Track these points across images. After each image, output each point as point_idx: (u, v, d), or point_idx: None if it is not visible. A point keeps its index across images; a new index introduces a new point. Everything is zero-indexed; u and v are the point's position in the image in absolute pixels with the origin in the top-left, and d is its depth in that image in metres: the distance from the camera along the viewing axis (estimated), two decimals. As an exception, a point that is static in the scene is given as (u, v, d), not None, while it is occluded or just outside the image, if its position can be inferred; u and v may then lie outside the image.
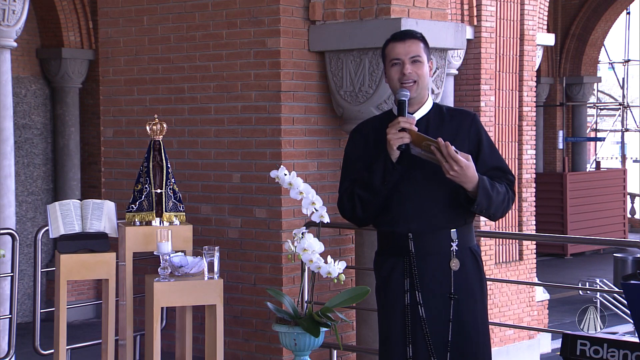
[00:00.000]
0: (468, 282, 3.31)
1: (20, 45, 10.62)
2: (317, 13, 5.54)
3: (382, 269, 3.40)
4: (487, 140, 3.41)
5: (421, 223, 3.30)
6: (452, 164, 3.15)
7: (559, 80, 20.60)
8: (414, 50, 3.32)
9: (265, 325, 5.34)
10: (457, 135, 3.34)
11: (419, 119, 3.33)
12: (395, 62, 3.33)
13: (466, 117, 3.42)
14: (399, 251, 3.32)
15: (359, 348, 5.62)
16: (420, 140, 3.21)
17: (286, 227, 5.38)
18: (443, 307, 3.27)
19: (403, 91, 3.29)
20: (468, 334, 3.29)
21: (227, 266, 5.36)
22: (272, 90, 5.47)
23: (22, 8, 8.43)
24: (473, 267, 3.35)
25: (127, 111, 6.10)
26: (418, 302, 3.26)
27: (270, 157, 5.44)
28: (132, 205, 4.56)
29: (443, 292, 3.28)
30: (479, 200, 3.22)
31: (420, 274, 3.27)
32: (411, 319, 3.27)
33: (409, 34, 3.39)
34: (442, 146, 3.16)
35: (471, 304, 3.32)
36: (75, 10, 12.78)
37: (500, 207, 3.30)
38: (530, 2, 12.52)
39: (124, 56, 6.10)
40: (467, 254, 3.34)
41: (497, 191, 3.28)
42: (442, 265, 3.29)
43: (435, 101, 3.61)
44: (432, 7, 5.58)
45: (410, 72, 3.30)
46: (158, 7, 5.92)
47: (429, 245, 3.29)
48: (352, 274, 5.58)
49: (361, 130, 3.50)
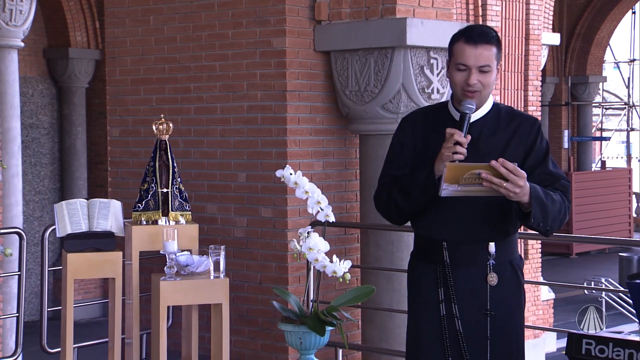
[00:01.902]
0: (506, 298, 3.10)
1: (27, 45, 10.64)
2: (322, 13, 5.54)
3: (414, 273, 3.22)
4: (543, 148, 3.10)
5: (457, 233, 3.07)
6: (517, 180, 2.83)
7: (564, 79, 20.57)
8: (485, 58, 3.00)
9: (271, 324, 5.35)
10: (512, 139, 3.08)
11: (474, 121, 3.05)
12: (461, 67, 3.02)
13: (526, 122, 3.12)
14: (433, 258, 3.12)
15: (364, 347, 5.62)
16: (460, 174, 2.85)
17: (292, 227, 5.38)
18: (480, 322, 3.07)
19: (468, 103, 3.01)
20: (505, 353, 3.12)
21: (232, 265, 5.37)
22: (277, 90, 5.47)
23: (29, 8, 8.44)
24: (512, 282, 3.13)
25: (134, 111, 6.11)
26: (455, 315, 3.07)
27: (276, 156, 5.45)
28: (139, 204, 4.57)
29: (479, 307, 3.07)
30: (534, 213, 2.92)
31: (457, 286, 3.07)
32: (448, 331, 3.08)
33: (484, 37, 3.01)
34: (498, 166, 2.82)
35: (508, 321, 3.12)
36: (82, 10, 12.79)
37: (557, 218, 3.00)
38: (536, 1, 12.49)
39: (130, 56, 6.11)
40: (506, 267, 3.11)
41: (552, 201, 2.98)
42: (478, 278, 3.07)
43: (498, 99, 3.40)
44: (437, 7, 5.57)
45: (476, 82, 3.01)
46: (164, 7, 5.92)
47: (464, 257, 3.07)
48: (357, 273, 5.59)
49: (412, 119, 3.24)
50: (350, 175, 5.78)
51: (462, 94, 3.04)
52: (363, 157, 5.70)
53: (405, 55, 5.41)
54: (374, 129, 5.58)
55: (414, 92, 5.46)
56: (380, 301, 5.39)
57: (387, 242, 5.54)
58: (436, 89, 5.56)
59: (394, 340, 5.50)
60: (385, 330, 5.55)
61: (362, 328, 5.67)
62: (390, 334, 5.54)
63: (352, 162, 5.79)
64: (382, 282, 5.45)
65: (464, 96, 3.04)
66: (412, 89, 5.46)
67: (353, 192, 5.78)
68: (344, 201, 5.74)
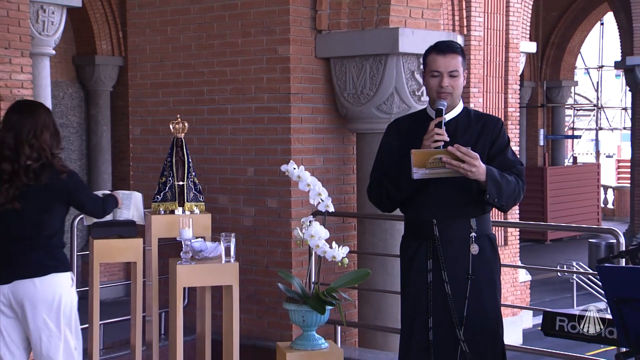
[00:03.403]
0: (485, 265, 3.30)
1: (58, 53, 10.63)
2: (323, 23, 5.51)
3: (407, 251, 3.38)
4: (504, 140, 3.34)
5: (444, 211, 3.27)
6: (472, 161, 3.08)
7: (540, 84, 20.56)
8: (453, 64, 3.27)
9: (277, 303, 5.33)
10: (481, 135, 3.31)
11: (449, 120, 3.29)
12: (435, 74, 3.28)
13: (490, 120, 3.39)
14: (424, 236, 3.30)
15: (360, 324, 5.61)
16: (425, 159, 3.09)
17: (295, 216, 5.36)
18: (462, 286, 3.26)
19: (441, 101, 3.26)
20: (483, 311, 3.28)
21: (242, 251, 5.35)
22: (282, 92, 5.44)
23: (60, 20, 8.42)
24: (490, 252, 3.33)
25: (153, 112, 6.09)
26: (444, 280, 3.26)
27: (281, 152, 5.42)
28: (157, 196, 4.55)
29: (462, 273, 3.27)
30: (489, 190, 3.14)
31: (446, 257, 3.26)
32: (433, 295, 3.27)
33: (451, 48, 3.31)
34: (454, 150, 3.08)
35: (486, 285, 3.30)
36: (107, 22, 12.78)
37: (512, 196, 3.22)
38: (515, 13, 12.49)
39: (150, 62, 6.08)
40: (484, 240, 3.31)
41: (507, 180, 3.20)
42: (462, 249, 3.27)
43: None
44: (426, 18, 5.55)
45: (448, 85, 3.27)
46: (180, 18, 5.90)
47: (451, 231, 3.27)
48: (354, 258, 5.56)
49: (397, 124, 3.49)
50: (348, 170, 5.76)
51: (436, 95, 3.30)
52: (360, 154, 5.68)
53: (397, 61, 5.39)
54: (369, 128, 5.56)
55: (405, 95, 5.44)
56: (375, 283, 5.37)
57: (381, 230, 5.52)
58: (425, 92, 5.53)
59: (388, 318, 5.49)
60: (380, 309, 5.54)
61: (359, 307, 5.65)
62: (384, 312, 5.52)
63: (350, 158, 5.76)
64: (377, 266, 5.43)
65: (438, 97, 3.30)
66: (404, 91, 5.43)
67: (350, 185, 5.76)
68: (342, 193, 5.72)
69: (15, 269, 3.49)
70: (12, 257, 3.49)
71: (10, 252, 3.50)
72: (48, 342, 3.52)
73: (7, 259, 3.50)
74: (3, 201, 3.44)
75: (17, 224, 3.49)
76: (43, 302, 3.50)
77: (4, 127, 3.54)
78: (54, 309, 3.52)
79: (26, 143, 3.46)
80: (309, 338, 4.17)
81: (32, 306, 3.49)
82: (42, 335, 3.52)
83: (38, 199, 3.49)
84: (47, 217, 3.52)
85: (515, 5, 12.54)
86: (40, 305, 3.49)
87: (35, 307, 3.49)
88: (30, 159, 3.46)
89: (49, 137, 3.53)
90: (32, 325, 3.51)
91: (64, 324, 3.55)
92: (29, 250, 3.50)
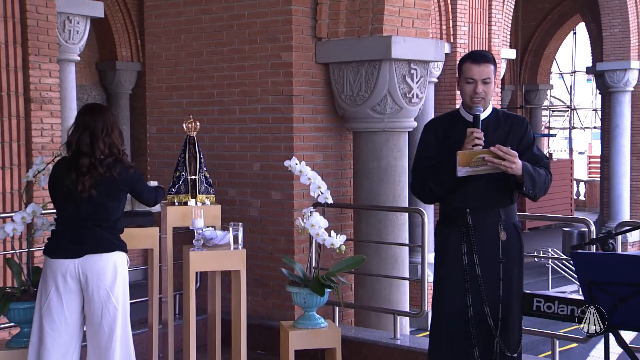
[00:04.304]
0: (512, 249, 3.36)
1: (82, 59, 10.60)
2: (322, 31, 5.49)
3: (442, 235, 3.45)
4: (530, 138, 3.43)
5: (477, 202, 3.34)
6: (512, 159, 3.17)
7: (519, 87, 20.53)
8: (486, 72, 3.32)
9: (280, 286, 5.31)
10: (509, 133, 3.38)
11: (481, 120, 3.34)
12: (469, 81, 3.34)
13: (517, 120, 3.45)
14: (458, 223, 3.36)
15: (356, 305, 5.59)
16: (469, 159, 3.19)
17: (297, 207, 5.34)
18: (494, 268, 3.32)
19: (478, 107, 3.32)
20: (513, 290, 3.35)
21: (249, 239, 5.33)
22: (285, 94, 5.42)
23: (84, 29, 8.40)
24: (515, 238, 3.38)
25: (168, 112, 6.06)
26: (475, 262, 3.31)
27: (284, 149, 5.40)
28: (172, 188, 4.52)
29: (494, 257, 3.33)
30: (525, 183, 3.24)
31: (477, 242, 3.33)
32: (469, 276, 3.33)
33: (484, 58, 3.36)
34: (497, 150, 3.17)
35: (515, 267, 3.36)
36: (127, 31, 12.75)
37: (543, 187, 3.32)
38: (496, 23, 12.46)
39: (165, 67, 6.05)
40: (511, 227, 3.37)
41: (539, 174, 3.30)
42: (493, 235, 3.33)
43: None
44: (416, 27, 5.53)
45: (481, 91, 3.33)
46: (193, 27, 5.87)
47: (482, 220, 3.33)
48: (351, 245, 5.55)
49: (433, 124, 3.53)
50: (345, 165, 5.74)
51: (470, 101, 3.35)
52: (356, 150, 5.66)
53: (390, 66, 5.36)
54: (365, 127, 5.54)
55: (397, 97, 5.42)
56: (369, 268, 5.36)
57: (375, 220, 5.51)
58: (415, 94, 5.51)
59: (381, 300, 5.48)
60: (374, 291, 5.52)
61: (355, 290, 5.63)
62: (378, 294, 5.51)
63: (347, 154, 5.74)
64: (371, 252, 5.42)
65: (472, 102, 3.34)
66: (396, 94, 5.41)
67: (347, 179, 5.74)
68: (340, 186, 5.69)
69: (86, 246, 3.60)
70: (83, 235, 3.61)
71: (82, 232, 3.62)
72: (108, 314, 3.60)
73: (79, 237, 3.62)
74: (82, 189, 3.60)
75: (88, 207, 3.63)
76: (107, 275, 3.60)
77: (78, 128, 3.69)
78: (116, 284, 3.62)
79: (100, 140, 3.64)
80: (310, 318, 4.16)
81: (98, 279, 3.58)
82: (104, 307, 3.59)
83: (109, 188, 3.65)
84: (115, 204, 3.68)
85: (497, 16, 12.51)
86: (104, 279, 3.59)
87: (100, 280, 3.59)
88: (104, 153, 3.64)
89: (117, 134, 3.73)
90: (96, 297, 3.59)
91: (122, 297, 3.65)
92: (98, 229, 3.63)
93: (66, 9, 8.00)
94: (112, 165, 3.65)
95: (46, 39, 6.72)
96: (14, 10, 6.48)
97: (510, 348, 3.32)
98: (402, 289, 5.58)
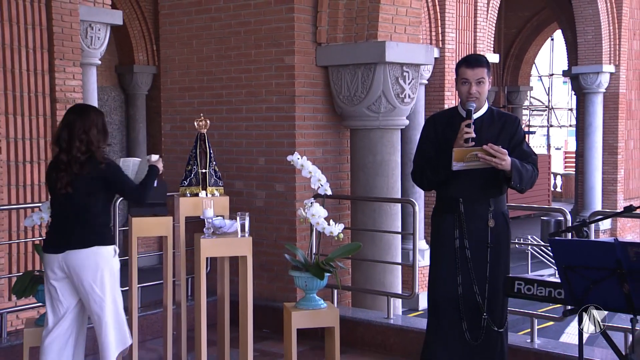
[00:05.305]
0: (500, 235, 3.40)
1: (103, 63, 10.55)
2: (322, 37, 5.46)
3: (437, 220, 3.49)
4: (521, 135, 3.45)
5: (469, 192, 3.38)
6: (502, 156, 3.22)
7: (502, 88, 20.49)
8: (479, 74, 3.37)
9: (284, 271, 5.30)
10: (502, 130, 3.41)
11: (476, 118, 3.38)
12: (464, 81, 3.39)
13: (509, 119, 3.48)
14: (452, 210, 3.41)
15: (353, 288, 5.58)
16: (463, 155, 3.24)
17: (299, 198, 5.32)
18: (483, 252, 3.38)
19: (471, 103, 3.37)
20: (500, 272, 3.39)
21: (255, 227, 5.32)
22: (288, 95, 5.39)
23: (105, 35, 8.36)
24: (503, 225, 3.43)
25: (181, 111, 6.04)
26: (465, 246, 3.37)
27: (287, 145, 5.38)
28: (184, 181, 4.50)
29: (483, 242, 3.38)
30: (513, 177, 3.29)
31: (468, 228, 3.38)
32: (460, 258, 3.38)
33: (478, 62, 3.41)
34: (489, 149, 3.22)
35: (501, 251, 3.41)
36: (143, 37, 12.71)
37: (529, 182, 3.36)
38: (481, 30, 12.43)
39: (178, 70, 6.03)
40: (499, 215, 3.41)
41: (526, 169, 3.34)
42: (482, 222, 3.38)
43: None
44: (408, 33, 5.51)
45: (475, 91, 3.38)
46: (204, 33, 5.85)
47: (474, 208, 3.38)
48: (348, 233, 5.53)
49: (433, 120, 3.58)
50: (343, 160, 5.72)
51: (466, 99, 3.40)
52: (353, 146, 5.64)
53: (384, 69, 5.34)
54: (361, 125, 5.52)
55: (391, 97, 5.39)
56: (365, 254, 5.35)
57: (371, 210, 5.49)
58: (408, 95, 5.49)
59: (375, 283, 5.47)
60: (369, 275, 5.51)
61: (352, 274, 5.62)
62: (373, 278, 5.50)
63: (345, 150, 5.72)
64: (367, 240, 5.41)
65: (468, 100, 3.39)
66: (390, 94, 5.38)
67: (345, 172, 5.73)
68: (338, 179, 5.68)
69: (67, 241, 3.55)
70: (65, 231, 3.56)
71: (64, 228, 3.57)
72: (95, 304, 3.57)
73: (62, 233, 3.57)
74: (59, 186, 3.53)
75: (67, 204, 3.57)
76: (87, 269, 3.54)
77: (61, 125, 3.62)
78: (98, 276, 3.55)
79: (77, 138, 3.53)
80: (311, 299, 4.15)
81: (79, 272, 3.54)
82: (89, 297, 3.57)
83: (84, 185, 3.55)
84: (92, 200, 3.57)
85: (482, 24, 12.48)
86: (85, 272, 3.54)
87: (81, 273, 3.54)
88: (80, 151, 3.53)
89: (96, 133, 3.58)
90: (81, 289, 3.57)
91: (109, 288, 3.58)
92: (78, 226, 3.55)
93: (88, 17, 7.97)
94: (85, 162, 3.54)
95: (70, 45, 6.71)
96: (41, 19, 6.49)
97: (497, 323, 3.38)
98: (395, 273, 5.58)
